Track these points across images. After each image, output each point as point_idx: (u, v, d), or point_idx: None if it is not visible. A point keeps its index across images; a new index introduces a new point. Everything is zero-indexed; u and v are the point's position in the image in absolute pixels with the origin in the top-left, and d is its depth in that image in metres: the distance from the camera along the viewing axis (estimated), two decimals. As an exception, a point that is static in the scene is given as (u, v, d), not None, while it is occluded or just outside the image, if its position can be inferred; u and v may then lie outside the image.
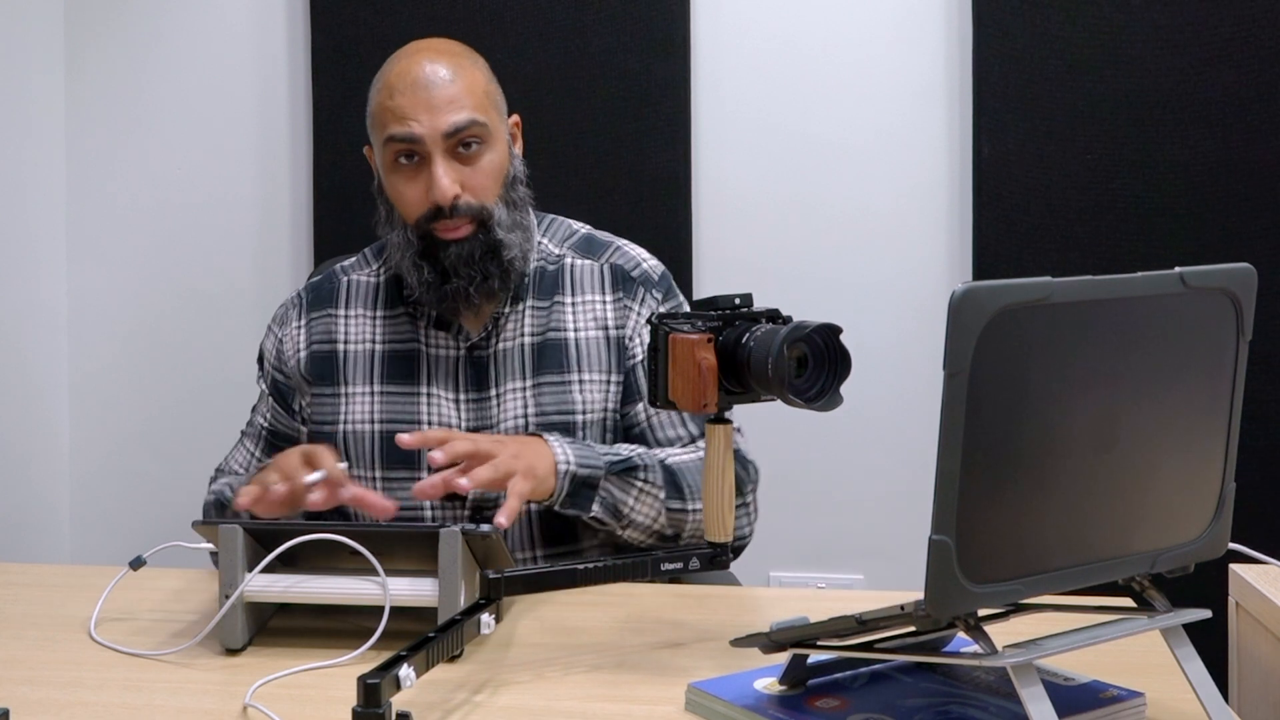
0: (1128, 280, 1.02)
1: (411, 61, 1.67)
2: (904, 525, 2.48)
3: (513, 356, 1.73)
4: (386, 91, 1.67)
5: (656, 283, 1.78)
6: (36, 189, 2.61)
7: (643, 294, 1.76)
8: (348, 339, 1.76)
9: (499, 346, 1.73)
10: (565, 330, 1.74)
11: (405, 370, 1.74)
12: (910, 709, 1.13)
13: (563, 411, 1.71)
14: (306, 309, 1.80)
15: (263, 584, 1.36)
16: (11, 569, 1.73)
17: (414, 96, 1.64)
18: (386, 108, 1.66)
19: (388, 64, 1.71)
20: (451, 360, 1.73)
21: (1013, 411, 0.98)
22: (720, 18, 2.50)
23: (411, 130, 1.64)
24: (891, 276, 2.49)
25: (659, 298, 1.77)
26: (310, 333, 1.78)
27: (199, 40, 2.63)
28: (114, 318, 2.69)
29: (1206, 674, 1.09)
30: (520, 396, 1.71)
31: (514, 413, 1.71)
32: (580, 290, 1.76)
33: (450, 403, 1.72)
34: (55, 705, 1.23)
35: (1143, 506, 1.08)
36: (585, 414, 1.72)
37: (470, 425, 1.71)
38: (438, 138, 1.64)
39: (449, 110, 1.64)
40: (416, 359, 1.74)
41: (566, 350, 1.73)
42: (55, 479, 2.68)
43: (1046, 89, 2.39)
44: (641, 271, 1.78)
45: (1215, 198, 2.36)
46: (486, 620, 1.26)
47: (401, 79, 1.66)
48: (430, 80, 1.65)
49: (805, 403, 1.26)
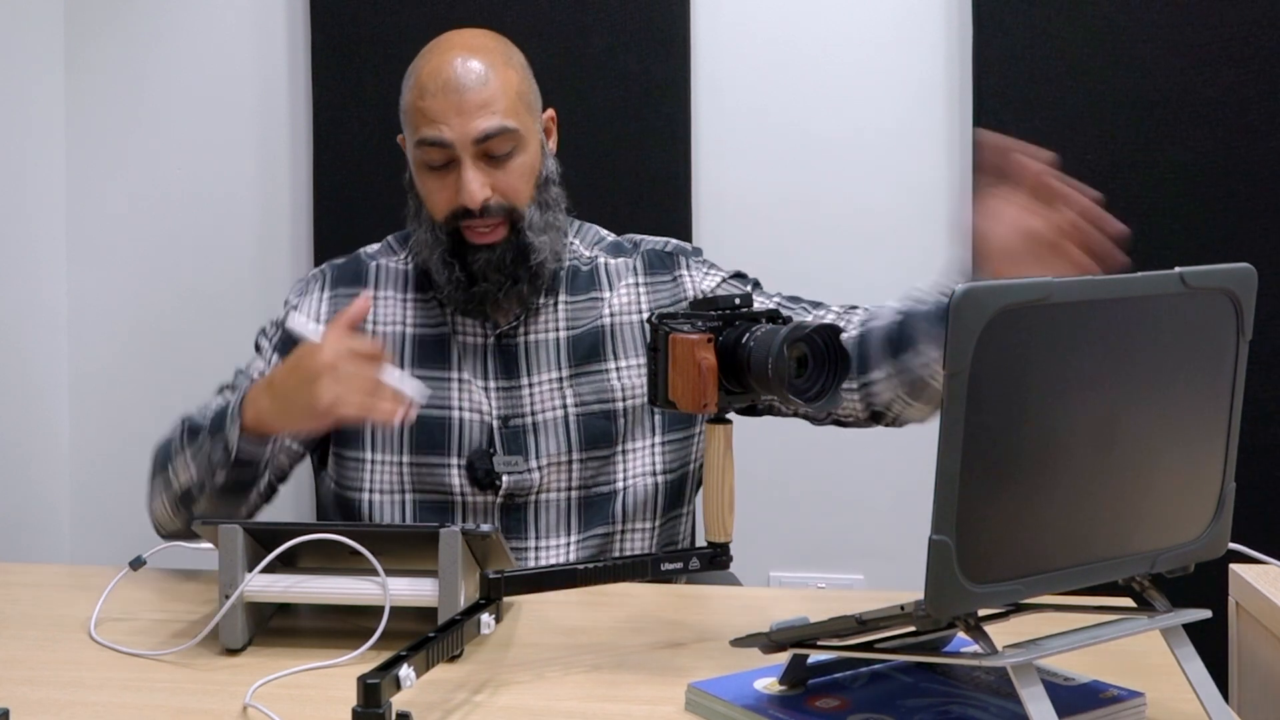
0: (1128, 280, 1.02)
1: (444, 59, 1.64)
2: (904, 525, 2.48)
3: (547, 349, 1.72)
4: (418, 90, 1.64)
5: (691, 251, 1.82)
6: (36, 189, 2.61)
7: (684, 260, 1.79)
8: (376, 320, 1.73)
9: (530, 337, 1.72)
10: (600, 318, 1.73)
11: (437, 355, 1.72)
12: (910, 709, 1.13)
13: (602, 400, 1.71)
14: (330, 284, 1.77)
15: (262, 584, 1.36)
16: (11, 569, 1.73)
17: (445, 99, 1.62)
18: (418, 108, 1.64)
19: (423, 56, 1.68)
20: (480, 347, 1.72)
21: (1013, 411, 0.98)
22: (720, 18, 2.50)
23: (441, 135, 1.62)
24: (891, 276, 2.49)
25: (700, 261, 1.80)
26: (334, 311, 1.73)
27: (199, 40, 2.63)
28: (114, 318, 2.69)
29: (1206, 674, 1.09)
30: (558, 388, 1.70)
31: (551, 403, 1.70)
32: (615, 283, 1.76)
33: (481, 389, 1.70)
34: (55, 705, 1.23)
35: (1143, 506, 1.08)
36: (625, 400, 1.71)
37: (501, 413, 1.70)
38: (468, 143, 1.62)
39: (480, 115, 1.62)
40: (448, 343, 1.72)
41: (603, 339, 1.73)
42: (55, 479, 2.68)
43: (1046, 89, 2.39)
44: (674, 245, 1.81)
45: (1215, 198, 2.36)
46: (486, 620, 1.26)
47: (433, 78, 1.63)
48: (462, 82, 1.62)
49: (805, 402, 1.27)
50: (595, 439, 1.70)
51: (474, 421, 1.69)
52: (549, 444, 1.69)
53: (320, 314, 1.75)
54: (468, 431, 1.69)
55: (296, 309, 1.77)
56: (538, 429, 1.69)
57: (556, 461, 1.69)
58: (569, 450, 1.69)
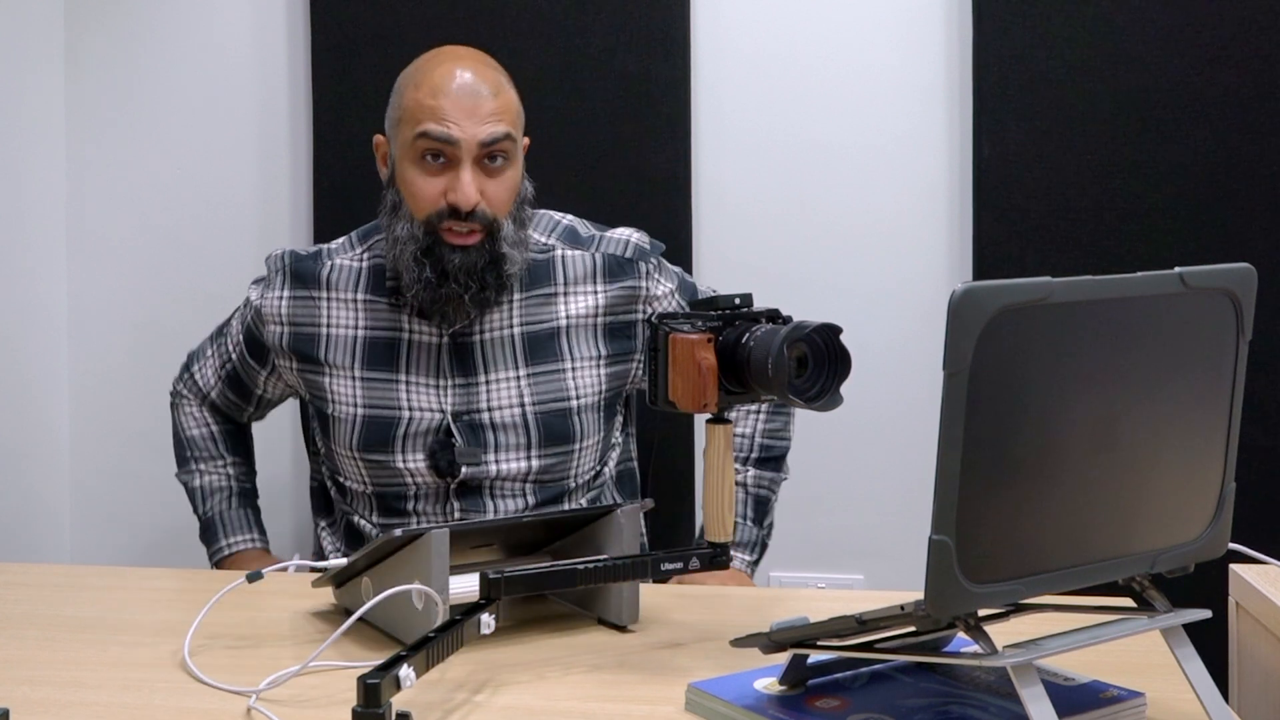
0: (1128, 280, 1.02)
1: (457, 66, 1.72)
2: (904, 525, 2.48)
3: (503, 346, 1.78)
4: (429, 90, 1.69)
5: (649, 251, 1.85)
6: (36, 189, 2.61)
7: (644, 267, 1.83)
8: (330, 323, 1.81)
9: (486, 335, 1.78)
10: (557, 320, 1.80)
11: (386, 357, 1.79)
12: (910, 709, 1.13)
13: (558, 399, 1.79)
14: (290, 281, 1.83)
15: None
16: (11, 569, 1.73)
17: (459, 101, 1.68)
18: (427, 105, 1.69)
19: (427, 63, 1.74)
20: (434, 347, 1.78)
21: (1012, 411, 0.98)
22: (720, 18, 2.50)
23: (450, 132, 1.68)
24: (891, 276, 2.49)
25: (656, 263, 1.84)
26: (293, 311, 1.82)
27: (199, 40, 2.63)
28: (114, 318, 2.69)
29: (1206, 674, 1.09)
30: (514, 385, 1.77)
31: (508, 400, 1.77)
32: (572, 281, 1.81)
33: (430, 389, 1.77)
34: (55, 705, 1.23)
35: (1143, 506, 1.08)
36: (579, 399, 1.80)
37: (455, 409, 1.77)
38: (474, 145, 1.68)
39: (489, 122, 1.69)
40: (397, 346, 1.79)
41: (558, 338, 1.80)
42: (55, 479, 2.68)
43: (1046, 89, 2.38)
44: (633, 248, 1.84)
45: (1215, 198, 2.36)
46: (486, 620, 1.26)
47: (447, 81, 1.70)
48: (476, 90, 1.69)
49: (805, 403, 1.27)
50: (554, 436, 1.78)
51: (423, 419, 1.77)
52: (507, 439, 1.77)
53: (281, 315, 1.83)
54: (415, 429, 1.76)
55: (262, 301, 1.85)
56: (495, 425, 1.77)
57: (515, 457, 1.77)
58: (528, 446, 1.78)
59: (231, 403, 1.96)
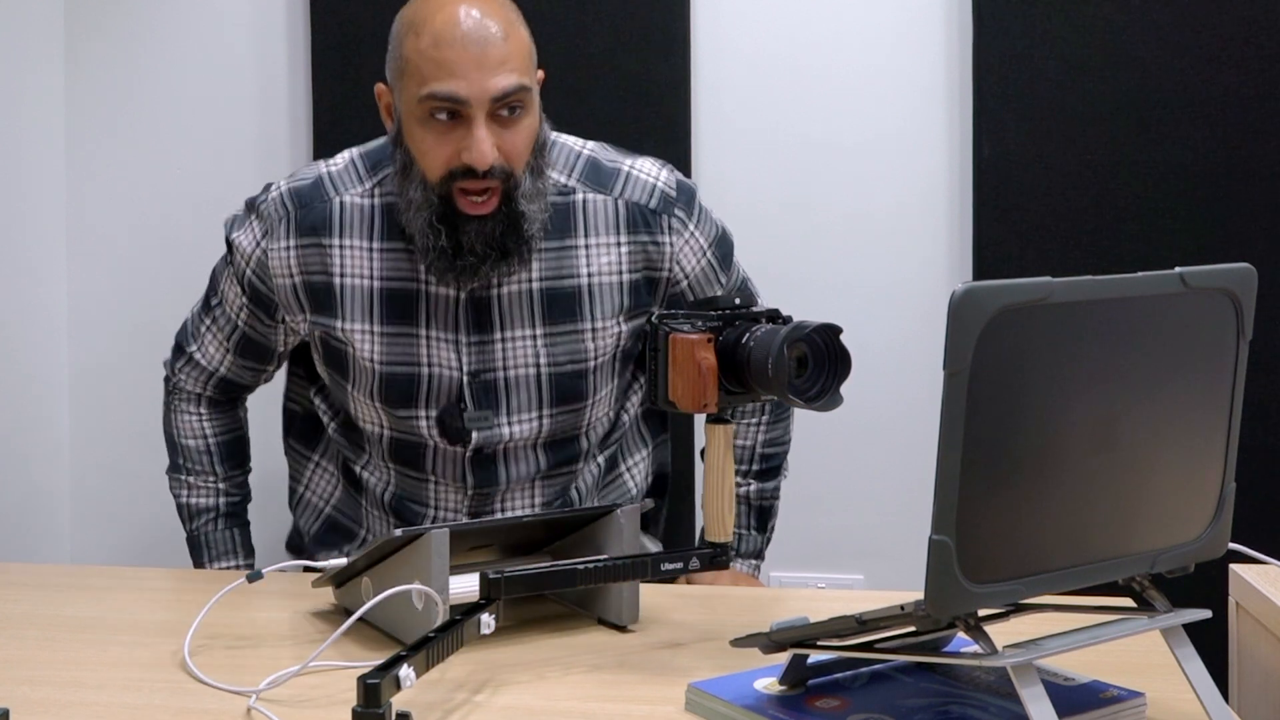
0: (1128, 280, 1.02)
1: (458, 8, 1.55)
2: (904, 525, 2.48)
3: (520, 301, 1.68)
4: (430, 40, 1.54)
5: (676, 199, 1.73)
6: (36, 189, 2.61)
7: (669, 221, 1.71)
8: (344, 272, 1.68)
9: (504, 289, 1.68)
10: (578, 276, 1.69)
11: (405, 310, 1.68)
12: (910, 709, 1.13)
13: (575, 360, 1.71)
14: (296, 229, 1.69)
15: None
16: (11, 569, 1.73)
17: (464, 51, 1.52)
18: (431, 58, 1.54)
19: (424, 6, 1.58)
20: (451, 300, 1.68)
21: (1012, 411, 0.98)
22: (720, 18, 2.50)
23: (457, 90, 1.53)
24: (891, 276, 2.49)
25: (684, 216, 1.73)
26: (303, 261, 1.70)
27: (199, 40, 2.63)
28: (114, 318, 2.69)
29: (1206, 674, 1.09)
30: (530, 344, 1.69)
31: (524, 360, 1.69)
32: (594, 231, 1.69)
33: (450, 345, 1.68)
34: (55, 705, 1.23)
35: (1143, 506, 1.08)
36: (596, 359, 1.72)
37: (472, 368, 1.69)
38: (485, 100, 1.54)
39: (499, 72, 1.53)
40: (415, 299, 1.68)
41: (579, 298, 1.69)
42: (55, 479, 2.68)
43: (1046, 89, 2.38)
44: (659, 196, 1.72)
45: (1215, 198, 2.36)
46: (486, 620, 1.26)
47: (450, 28, 1.53)
48: (482, 36, 1.53)
49: (805, 403, 1.27)
50: (566, 396, 1.72)
51: (443, 376, 1.69)
52: (519, 399, 1.70)
53: (290, 267, 1.70)
54: (436, 386, 1.69)
55: (266, 254, 1.71)
56: (509, 384, 1.70)
57: (527, 418, 1.71)
58: (539, 406, 1.71)
59: (248, 368, 1.83)
